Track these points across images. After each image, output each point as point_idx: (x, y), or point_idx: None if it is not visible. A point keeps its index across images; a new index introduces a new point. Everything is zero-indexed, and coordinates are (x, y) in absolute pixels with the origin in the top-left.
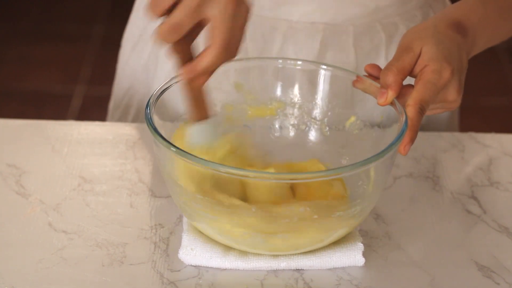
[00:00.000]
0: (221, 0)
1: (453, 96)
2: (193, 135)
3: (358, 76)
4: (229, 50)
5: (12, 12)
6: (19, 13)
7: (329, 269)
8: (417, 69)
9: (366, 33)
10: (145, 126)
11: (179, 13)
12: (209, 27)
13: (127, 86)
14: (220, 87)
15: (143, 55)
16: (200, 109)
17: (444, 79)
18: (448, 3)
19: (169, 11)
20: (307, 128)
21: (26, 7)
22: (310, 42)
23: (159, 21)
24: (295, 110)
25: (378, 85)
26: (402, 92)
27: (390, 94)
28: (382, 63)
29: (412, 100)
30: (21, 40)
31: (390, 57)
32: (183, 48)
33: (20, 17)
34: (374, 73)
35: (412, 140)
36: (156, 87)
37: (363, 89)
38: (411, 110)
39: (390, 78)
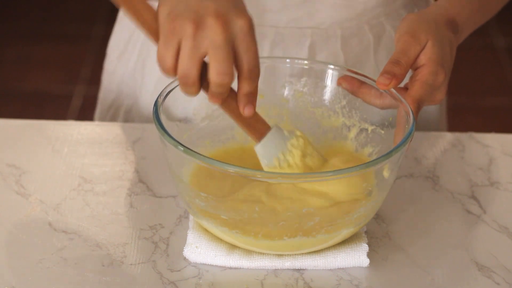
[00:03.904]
0: (210, 29)
1: (441, 96)
2: (263, 154)
3: (345, 75)
4: (228, 76)
5: (12, 12)
6: (19, 13)
7: (329, 269)
8: (418, 62)
9: (354, 35)
10: (145, 126)
11: (180, 65)
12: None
13: (113, 96)
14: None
15: (129, 64)
16: (255, 127)
17: (438, 82)
18: (431, 0)
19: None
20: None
21: (26, 7)
22: (298, 47)
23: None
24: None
25: (369, 83)
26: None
27: (393, 83)
28: (371, 65)
29: (410, 99)
30: (21, 40)
31: (379, 59)
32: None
33: (20, 17)
34: (348, 86)
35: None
36: (144, 95)
37: (349, 89)
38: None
39: (398, 71)
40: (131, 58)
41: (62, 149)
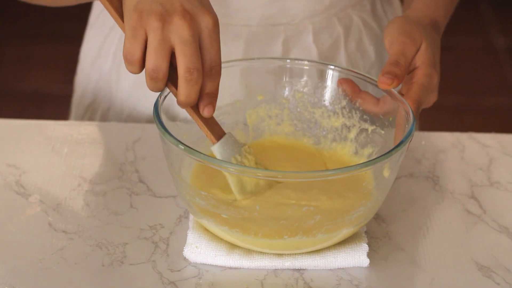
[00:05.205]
0: (177, 25)
1: (435, 97)
2: (221, 153)
3: (347, 78)
4: (197, 70)
5: (12, 12)
6: (19, 13)
7: (330, 269)
8: (410, 66)
9: (324, 29)
10: (145, 126)
11: (149, 60)
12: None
13: (88, 102)
14: (229, 87)
15: (104, 68)
16: (213, 128)
17: (433, 84)
18: None
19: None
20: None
21: (26, 7)
22: (272, 44)
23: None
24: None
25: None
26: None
27: (395, 83)
28: (342, 56)
29: (410, 100)
30: (21, 40)
31: (349, 50)
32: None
33: (20, 17)
34: (349, 88)
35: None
36: (120, 99)
37: (349, 93)
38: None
39: (398, 71)
40: (105, 63)
41: (62, 149)
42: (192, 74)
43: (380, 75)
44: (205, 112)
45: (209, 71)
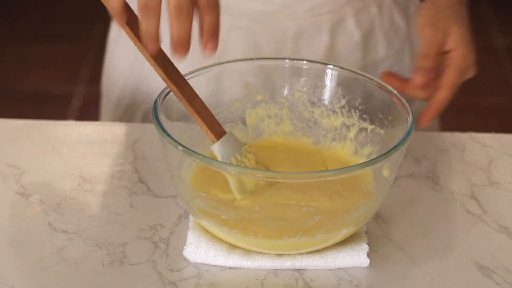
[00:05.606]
0: None
1: (473, 72)
2: (222, 152)
3: (386, 73)
4: (187, 4)
5: (12, 12)
6: (19, 13)
7: (330, 269)
8: (446, 48)
9: (362, 10)
10: (145, 125)
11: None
12: None
13: (126, 102)
14: (229, 87)
15: (144, 69)
16: (213, 127)
17: (469, 63)
18: None
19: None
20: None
21: (26, 7)
22: (319, 34)
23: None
24: (302, 109)
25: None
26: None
27: (430, 77)
28: (379, 35)
29: (446, 83)
30: (21, 40)
31: (384, 28)
32: None
33: (20, 17)
34: (390, 81)
35: (434, 117)
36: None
37: (398, 87)
38: (444, 92)
39: (429, 64)
40: (144, 62)
41: (62, 149)
42: (182, 8)
43: (413, 73)
44: (208, 48)
45: (206, 4)
